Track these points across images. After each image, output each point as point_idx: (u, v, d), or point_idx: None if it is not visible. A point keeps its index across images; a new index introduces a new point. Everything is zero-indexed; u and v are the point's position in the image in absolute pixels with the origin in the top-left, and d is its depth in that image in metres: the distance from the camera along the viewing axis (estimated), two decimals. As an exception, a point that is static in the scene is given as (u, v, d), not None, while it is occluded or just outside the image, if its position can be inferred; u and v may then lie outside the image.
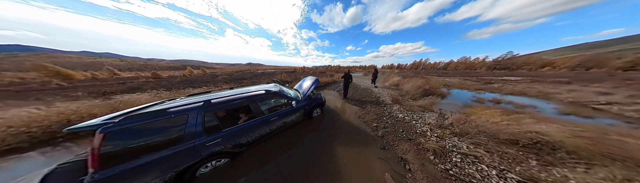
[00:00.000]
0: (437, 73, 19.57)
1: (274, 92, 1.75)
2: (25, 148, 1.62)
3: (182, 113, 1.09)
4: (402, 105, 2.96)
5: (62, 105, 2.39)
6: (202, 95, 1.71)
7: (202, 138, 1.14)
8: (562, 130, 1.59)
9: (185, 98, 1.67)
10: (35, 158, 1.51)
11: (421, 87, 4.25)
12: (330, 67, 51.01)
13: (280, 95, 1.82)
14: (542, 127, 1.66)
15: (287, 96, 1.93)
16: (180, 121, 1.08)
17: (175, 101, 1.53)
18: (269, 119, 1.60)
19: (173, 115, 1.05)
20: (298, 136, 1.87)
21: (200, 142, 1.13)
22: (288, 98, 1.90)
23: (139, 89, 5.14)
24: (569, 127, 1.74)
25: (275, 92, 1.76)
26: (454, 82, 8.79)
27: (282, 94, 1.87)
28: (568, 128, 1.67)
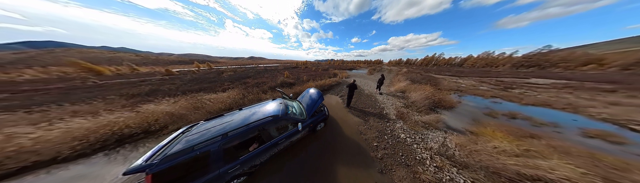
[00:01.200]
0: (450, 71, 17.47)
1: (281, 117, 1.80)
2: (88, 153, 2.00)
3: (205, 150, 1.26)
4: (406, 122, 2.83)
5: (105, 116, 2.77)
6: (217, 119, 1.83)
7: (224, 167, 1.33)
8: (578, 165, 1.47)
9: (204, 123, 1.80)
10: (98, 159, 1.93)
11: (429, 98, 3.94)
12: (333, 62, 43.78)
13: (286, 119, 1.87)
14: (551, 162, 1.52)
15: (294, 119, 1.96)
16: (205, 156, 1.27)
17: (198, 127, 1.67)
18: (277, 142, 1.73)
19: (198, 152, 1.23)
20: (302, 151, 2.00)
21: (223, 170, 1.32)
22: (294, 121, 1.95)
23: (158, 90, 5.48)
24: (586, 160, 1.59)
25: (282, 117, 1.81)
26: (468, 84, 7.93)
27: (289, 118, 1.90)
28: (584, 162, 1.53)
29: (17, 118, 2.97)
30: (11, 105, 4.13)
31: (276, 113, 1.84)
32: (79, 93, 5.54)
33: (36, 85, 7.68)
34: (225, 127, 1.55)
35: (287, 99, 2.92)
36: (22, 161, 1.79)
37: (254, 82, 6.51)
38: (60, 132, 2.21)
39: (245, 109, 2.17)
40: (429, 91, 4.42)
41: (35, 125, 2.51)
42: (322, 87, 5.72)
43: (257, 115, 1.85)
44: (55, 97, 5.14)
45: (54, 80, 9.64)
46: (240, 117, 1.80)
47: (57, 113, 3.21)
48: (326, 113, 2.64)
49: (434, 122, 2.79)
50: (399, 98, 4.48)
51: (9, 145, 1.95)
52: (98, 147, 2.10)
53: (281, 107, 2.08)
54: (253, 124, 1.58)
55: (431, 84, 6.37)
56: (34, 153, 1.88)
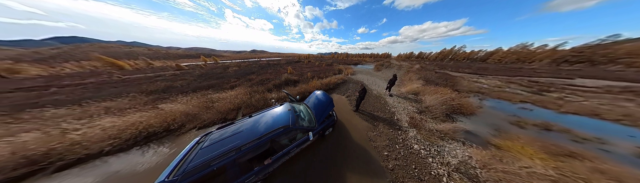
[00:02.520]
0: (471, 68, 15.09)
1: (292, 128, 1.71)
2: (125, 148, 2.25)
3: (221, 165, 1.27)
4: (419, 130, 2.57)
5: (130, 115, 2.94)
6: (229, 128, 1.79)
7: (241, 178, 1.36)
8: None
9: (216, 131, 1.77)
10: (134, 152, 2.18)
11: (447, 103, 3.48)
12: (337, 55, 38.88)
13: (297, 129, 1.77)
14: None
15: (304, 128, 1.86)
16: (221, 170, 1.28)
17: (211, 137, 1.64)
18: (289, 151, 1.70)
19: (215, 168, 1.23)
20: (312, 156, 1.98)
21: (240, 181, 1.35)
22: (305, 130, 1.85)
23: (172, 87, 5.69)
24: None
25: (293, 128, 1.72)
26: (491, 85, 6.83)
27: (300, 128, 1.80)
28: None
29: (64, 113, 3.34)
30: (59, 99, 4.66)
31: (287, 124, 1.74)
32: (108, 89, 6.01)
33: (74, 79, 8.47)
34: (237, 139, 1.50)
35: (294, 103, 2.76)
36: (77, 153, 2.06)
37: (258, 79, 6.42)
38: (99, 129, 2.45)
39: (255, 116, 2.07)
40: (447, 95, 3.87)
41: (79, 121, 2.82)
42: (327, 86, 5.35)
43: (268, 124, 1.76)
44: (91, 91, 5.65)
45: (86, 74, 10.58)
46: (251, 127, 1.72)
47: (94, 109, 3.54)
48: (335, 118, 2.50)
49: (452, 131, 2.50)
50: (411, 102, 4.05)
51: (65, 139, 2.23)
52: (131, 143, 2.33)
53: (291, 116, 1.94)
54: (265, 137, 1.52)
55: (448, 85, 5.59)
56: (83, 147, 2.14)
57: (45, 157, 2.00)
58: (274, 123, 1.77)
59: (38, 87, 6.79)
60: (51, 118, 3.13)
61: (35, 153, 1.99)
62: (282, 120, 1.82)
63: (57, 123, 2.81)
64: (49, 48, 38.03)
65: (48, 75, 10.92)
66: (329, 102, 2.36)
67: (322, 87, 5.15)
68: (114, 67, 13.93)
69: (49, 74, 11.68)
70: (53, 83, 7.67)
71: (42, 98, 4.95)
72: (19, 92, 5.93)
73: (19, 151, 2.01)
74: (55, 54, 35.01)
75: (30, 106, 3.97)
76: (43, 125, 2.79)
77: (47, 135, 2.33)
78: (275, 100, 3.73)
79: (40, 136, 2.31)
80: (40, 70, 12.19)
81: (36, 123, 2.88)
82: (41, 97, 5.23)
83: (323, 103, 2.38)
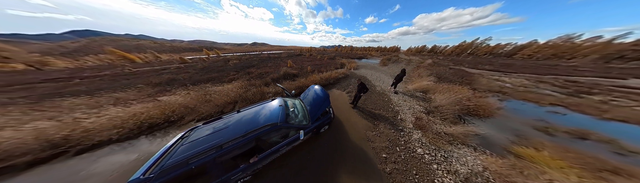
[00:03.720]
0: (492, 64, 13.04)
1: (281, 125, 1.53)
2: (132, 136, 2.34)
3: (200, 163, 1.15)
4: (425, 132, 2.26)
5: (134, 106, 2.99)
6: (215, 123, 1.66)
7: (226, 175, 1.26)
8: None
9: (202, 126, 1.66)
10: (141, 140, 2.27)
11: (461, 103, 3.00)
12: (341, 49, 34.52)
13: (287, 127, 1.59)
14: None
15: (295, 126, 1.67)
16: (201, 168, 1.15)
17: (196, 132, 1.53)
18: (278, 149, 1.55)
19: (193, 166, 1.12)
20: (305, 153, 1.85)
21: (225, 177, 1.25)
22: (296, 128, 1.67)
23: (175, 79, 5.76)
24: None
25: (282, 125, 1.53)
26: (516, 84, 5.86)
27: (290, 126, 1.62)
28: None
29: (81, 102, 3.52)
30: (79, 90, 4.98)
31: (275, 121, 1.54)
32: (120, 80, 6.27)
33: (93, 71, 9.00)
34: (220, 137, 1.36)
35: (289, 97, 2.53)
36: (91, 140, 2.17)
37: (257, 72, 6.25)
38: (106, 118, 2.52)
39: (244, 111, 1.90)
40: (462, 94, 3.31)
41: (91, 110, 2.95)
42: (327, 81, 4.91)
43: (255, 121, 1.59)
44: (106, 83, 5.96)
45: (103, 67, 11.18)
46: (237, 123, 1.57)
47: (105, 99, 3.70)
48: (332, 116, 2.27)
49: (463, 135, 2.17)
50: (418, 100, 3.59)
51: (78, 127, 2.33)
52: (137, 132, 2.40)
53: (281, 112, 1.73)
54: (249, 135, 1.36)
55: (463, 83, 4.85)
56: (97, 134, 2.24)
57: (65, 141, 2.13)
58: (261, 120, 1.60)
59: (63, 78, 7.27)
60: (68, 107, 3.30)
61: (55, 138, 2.12)
62: (270, 117, 1.63)
63: (72, 112, 2.95)
64: (69, 42, 39.99)
65: (74, 68, 11.68)
66: (325, 98, 2.09)
67: (321, 81, 4.77)
68: (126, 60, 14.42)
69: (75, 66, 12.49)
70: (76, 75, 8.17)
71: (66, 89, 5.30)
72: (48, 83, 6.42)
73: (41, 136, 2.15)
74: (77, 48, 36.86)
75: (54, 96, 4.25)
76: (61, 113, 2.95)
77: (63, 123, 2.44)
78: (273, 96, 3.55)
79: (57, 123, 2.44)
80: (68, 63, 13.07)
81: (55, 111, 3.05)
82: (66, 87, 5.61)
83: (319, 100, 2.12)
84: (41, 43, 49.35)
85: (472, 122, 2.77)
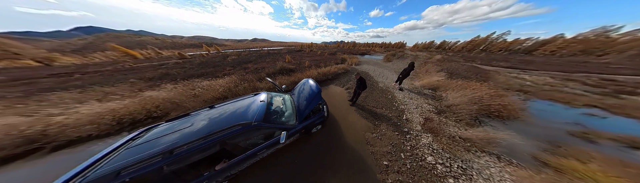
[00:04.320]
0: (509, 61, 11.75)
1: (256, 126, 1.21)
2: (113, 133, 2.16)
3: (137, 175, 0.87)
4: (438, 136, 1.87)
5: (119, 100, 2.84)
6: (179, 121, 1.36)
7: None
8: None
9: (164, 124, 1.37)
10: None
11: (480, 102, 2.52)
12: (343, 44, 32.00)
13: (264, 127, 1.27)
14: None
15: (275, 127, 1.35)
16: (142, 180, 0.88)
17: (152, 132, 1.24)
18: (255, 153, 1.26)
19: (128, 179, 0.85)
20: (292, 156, 1.57)
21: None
22: (277, 129, 1.35)
23: (169, 74, 5.61)
24: None
25: (257, 125, 1.21)
26: (539, 82, 5.12)
27: (268, 126, 1.30)
28: None
29: (69, 97, 3.39)
30: (76, 84, 4.93)
31: (249, 120, 1.23)
32: (117, 75, 6.18)
33: (95, 67, 9.06)
34: (177, 138, 1.07)
35: (279, 92, 2.19)
36: (69, 136, 2.00)
37: (253, 68, 5.99)
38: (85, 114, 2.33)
39: (219, 107, 1.59)
40: (482, 91, 2.80)
41: (76, 104, 2.81)
42: (325, 76, 4.45)
43: (226, 119, 1.29)
44: (104, 78, 5.91)
45: (107, 63, 11.29)
46: (203, 122, 1.27)
47: (94, 94, 3.56)
48: (325, 114, 1.91)
49: (483, 141, 1.77)
50: (427, 98, 3.14)
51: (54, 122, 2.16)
52: (118, 128, 2.21)
53: (260, 109, 1.40)
54: (212, 137, 1.06)
55: (479, 79, 4.22)
56: (74, 130, 2.06)
57: (41, 137, 1.98)
58: (233, 118, 1.29)
59: (65, 73, 7.30)
60: (54, 101, 3.16)
61: (29, 133, 1.96)
62: (245, 115, 1.32)
63: (56, 106, 2.80)
64: (77, 39, 40.64)
65: (80, 64, 11.85)
66: (316, 94, 1.73)
67: (319, 76, 4.34)
68: (129, 57, 14.46)
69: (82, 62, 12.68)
70: (79, 70, 8.21)
71: (65, 84, 5.26)
72: (51, 78, 6.46)
73: (13, 131, 2.00)
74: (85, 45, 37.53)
75: (49, 90, 4.17)
76: (43, 107, 2.81)
77: (40, 118, 2.29)
78: None
79: (36, 118, 2.28)
80: (77, 60, 13.33)
81: (38, 105, 2.92)
82: (66, 82, 5.59)
83: (309, 96, 1.78)
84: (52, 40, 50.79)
85: (490, 124, 2.33)
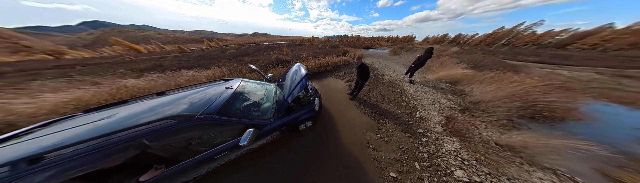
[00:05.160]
0: (539, 55, 9.96)
1: (202, 120, 0.80)
2: None
3: None
4: (466, 141, 1.35)
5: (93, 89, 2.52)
6: (102, 111, 0.98)
7: None
8: None
9: (80, 115, 0.99)
10: None
11: (523, 98, 1.87)
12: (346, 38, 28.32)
13: (219, 122, 0.87)
14: None
15: (237, 122, 0.95)
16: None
17: (52, 127, 0.86)
18: (212, 157, 0.89)
19: None
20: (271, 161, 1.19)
21: None
22: (241, 124, 0.96)
23: (161, 66, 5.44)
24: None
25: (202, 120, 0.80)
26: (583, 79, 4.16)
27: (224, 121, 0.89)
28: None
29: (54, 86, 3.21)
30: (70, 75, 4.86)
31: (194, 112, 0.82)
32: (115, 67, 6.07)
33: (99, 60, 9.10)
34: (68, 138, 0.68)
35: (263, 81, 1.76)
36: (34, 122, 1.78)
37: (248, 60, 5.72)
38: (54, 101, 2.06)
39: (171, 94, 1.18)
40: (525, 84, 2.11)
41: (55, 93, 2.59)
42: (323, 68, 3.82)
43: (164, 110, 0.88)
44: (102, 69, 5.84)
45: (113, 56, 11.38)
46: (132, 113, 0.87)
47: (80, 83, 3.36)
48: (315, 107, 1.44)
49: (530, 148, 1.24)
50: (444, 93, 2.54)
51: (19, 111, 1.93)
52: None
53: (219, 99, 0.99)
54: (123, 135, 0.66)
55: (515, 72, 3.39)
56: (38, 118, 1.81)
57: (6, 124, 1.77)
58: (176, 108, 0.88)
59: (68, 65, 7.34)
60: (35, 89, 2.96)
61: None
62: (193, 105, 0.91)
63: (30, 95, 2.58)
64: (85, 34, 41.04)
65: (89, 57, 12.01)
66: (302, 78, 1.24)
67: (316, 67, 3.76)
68: (134, 51, 14.51)
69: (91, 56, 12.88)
70: (82, 63, 8.28)
71: (65, 74, 5.22)
72: (55, 69, 6.50)
73: None
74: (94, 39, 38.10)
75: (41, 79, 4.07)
76: (19, 95, 2.60)
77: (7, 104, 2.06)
78: None
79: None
80: (87, 54, 13.60)
81: (17, 94, 2.73)
82: (66, 73, 5.57)
83: (293, 82, 1.31)
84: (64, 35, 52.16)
85: (529, 126, 1.75)
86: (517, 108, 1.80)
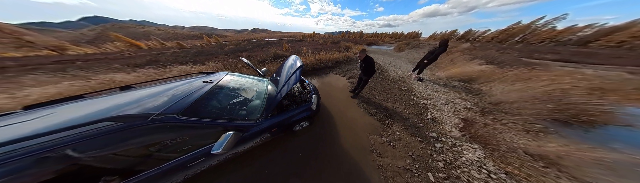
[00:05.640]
0: (558, 53, 9.04)
1: (158, 121, 0.59)
2: None
3: None
4: (491, 149, 1.12)
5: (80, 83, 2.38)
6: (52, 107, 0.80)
7: None
8: None
9: (20, 112, 0.80)
10: None
11: (551, 98, 1.59)
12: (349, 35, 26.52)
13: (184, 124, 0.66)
14: None
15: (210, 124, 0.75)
16: None
17: None
18: (185, 164, 0.72)
19: None
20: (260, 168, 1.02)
21: None
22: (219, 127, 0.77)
23: (156, 61, 5.33)
24: None
25: (160, 121, 0.59)
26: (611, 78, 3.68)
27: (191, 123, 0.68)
28: None
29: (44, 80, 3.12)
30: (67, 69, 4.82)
31: (150, 111, 0.61)
32: (111, 62, 5.97)
33: (99, 56, 9.03)
34: None
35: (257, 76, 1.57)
36: None
37: (246, 55, 5.51)
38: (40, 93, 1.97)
39: (135, 90, 0.98)
40: (568, 84, 1.80)
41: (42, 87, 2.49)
42: (324, 64, 3.52)
43: (116, 108, 0.67)
44: (99, 65, 5.77)
45: (114, 52, 11.30)
46: (70, 114, 0.68)
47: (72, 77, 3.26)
48: (312, 106, 1.24)
49: (568, 159, 1.01)
50: (459, 92, 2.26)
51: None
52: None
53: (189, 95, 0.78)
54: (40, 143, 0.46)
55: None
56: None
57: None
58: (131, 107, 0.68)
59: (68, 60, 7.29)
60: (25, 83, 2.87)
61: None
62: (153, 103, 0.70)
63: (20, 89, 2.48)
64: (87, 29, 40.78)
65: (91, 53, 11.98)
66: (295, 70, 1.04)
67: (316, 63, 3.47)
68: (134, 47, 14.43)
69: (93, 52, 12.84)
70: (82, 58, 8.25)
71: (63, 68, 5.18)
72: (55, 64, 6.46)
73: None
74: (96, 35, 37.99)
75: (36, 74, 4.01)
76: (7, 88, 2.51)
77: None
78: None
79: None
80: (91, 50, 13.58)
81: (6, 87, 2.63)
82: (65, 68, 5.52)
83: (288, 75, 1.09)
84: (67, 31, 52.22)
85: (559, 132, 1.48)
86: (550, 110, 1.51)
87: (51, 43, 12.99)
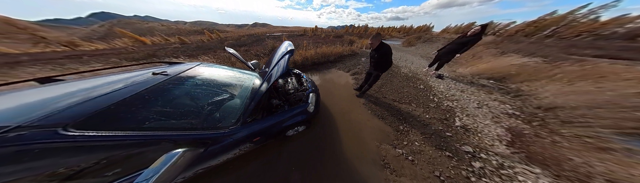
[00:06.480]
0: (601, 48, 7.26)
1: (32, 140, 0.27)
2: None
3: None
4: (556, 172, 0.75)
5: None
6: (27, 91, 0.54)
7: None
8: None
9: None
10: None
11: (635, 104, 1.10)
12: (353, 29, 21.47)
13: (84, 142, 0.35)
14: None
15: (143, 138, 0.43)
16: None
17: None
18: None
19: None
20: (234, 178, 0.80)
21: None
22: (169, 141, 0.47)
23: (154, 55, 5.28)
24: None
25: (37, 139, 0.28)
26: None
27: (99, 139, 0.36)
28: None
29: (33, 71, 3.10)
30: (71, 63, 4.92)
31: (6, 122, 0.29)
32: (112, 57, 6.07)
33: (105, 51, 9.21)
34: None
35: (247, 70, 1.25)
36: None
37: (244, 50, 5.26)
38: None
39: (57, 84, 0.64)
40: None
41: None
42: (325, 58, 3.05)
43: None
44: (103, 58, 5.89)
45: (121, 47, 11.50)
46: None
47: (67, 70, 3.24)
48: (309, 108, 0.93)
49: None
50: (491, 93, 1.80)
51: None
52: None
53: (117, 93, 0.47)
54: None
55: None
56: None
57: None
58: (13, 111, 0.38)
59: (76, 55, 7.48)
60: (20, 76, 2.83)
61: None
62: (40, 108, 0.39)
63: None
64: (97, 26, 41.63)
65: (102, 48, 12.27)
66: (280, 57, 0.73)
67: (317, 57, 3.02)
68: (139, 43, 14.59)
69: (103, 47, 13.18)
70: (89, 53, 8.44)
71: (69, 63, 5.29)
72: (65, 59, 6.63)
73: None
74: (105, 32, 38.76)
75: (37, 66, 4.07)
76: None
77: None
78: None
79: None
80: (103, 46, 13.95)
81: None
82: (72, 62, 5.68)
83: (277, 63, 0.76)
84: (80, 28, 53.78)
85: (633, 145, 1.06)
86: (638, 121, 1.07)
87: (63, 39, 13.31)
